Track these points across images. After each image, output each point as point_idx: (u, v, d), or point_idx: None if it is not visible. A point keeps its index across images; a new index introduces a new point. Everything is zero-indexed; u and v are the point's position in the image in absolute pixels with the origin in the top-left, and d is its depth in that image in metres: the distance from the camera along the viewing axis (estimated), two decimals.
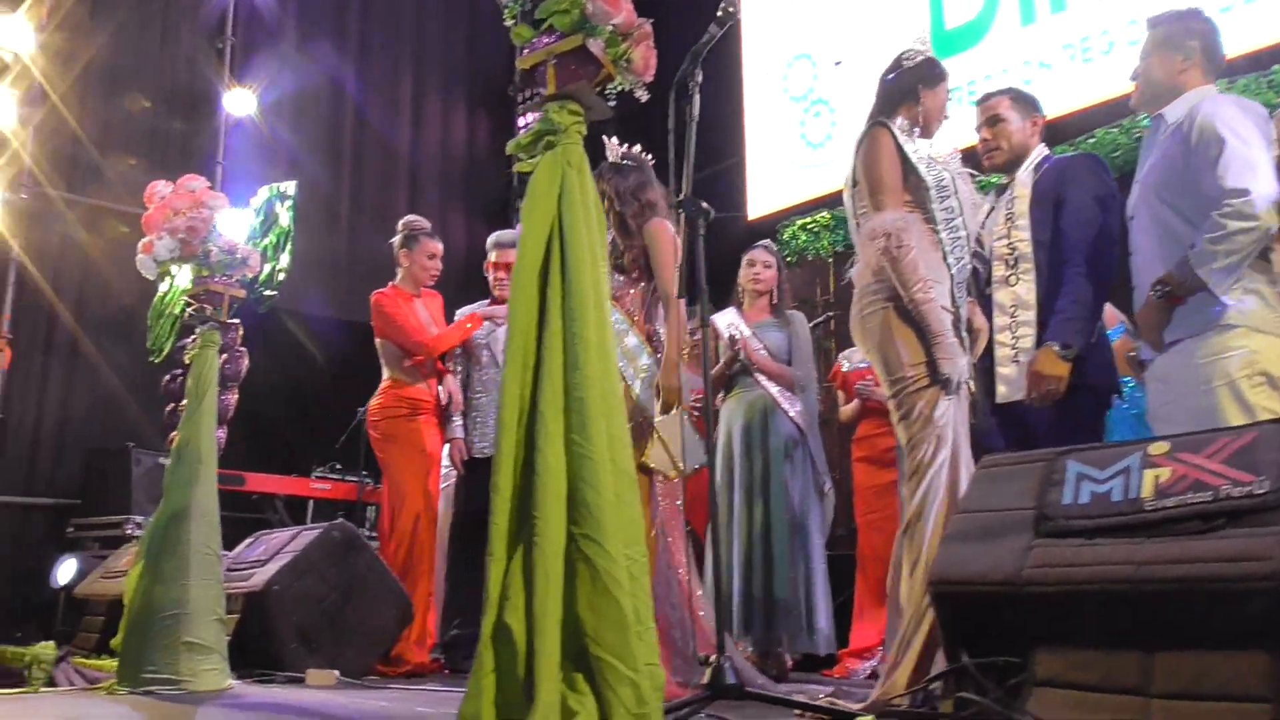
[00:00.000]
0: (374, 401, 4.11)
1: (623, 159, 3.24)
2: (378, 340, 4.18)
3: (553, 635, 1.56)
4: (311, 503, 6.04)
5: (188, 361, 3.34)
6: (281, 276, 3.82)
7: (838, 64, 6.87)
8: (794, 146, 7.08)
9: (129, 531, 5.36)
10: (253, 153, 6.71)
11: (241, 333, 3.82)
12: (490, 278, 4.29)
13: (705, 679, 2.12)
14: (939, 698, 1.89)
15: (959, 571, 1.79)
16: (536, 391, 1.71)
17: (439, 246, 4.27)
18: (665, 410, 3.02)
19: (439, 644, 3.89)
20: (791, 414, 3.84)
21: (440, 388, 4.15)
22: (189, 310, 3.55)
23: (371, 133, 7.50)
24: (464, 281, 7.85)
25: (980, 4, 6.06)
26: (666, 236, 3.09)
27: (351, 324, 6.91)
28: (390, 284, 4.25)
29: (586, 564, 1.62)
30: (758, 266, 4.06)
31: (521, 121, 8.38)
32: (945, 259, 2.44)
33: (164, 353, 4.11)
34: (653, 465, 2.96)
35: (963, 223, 2.50)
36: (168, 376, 4.43)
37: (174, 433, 4.28)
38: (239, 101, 6.66)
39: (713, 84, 2.90)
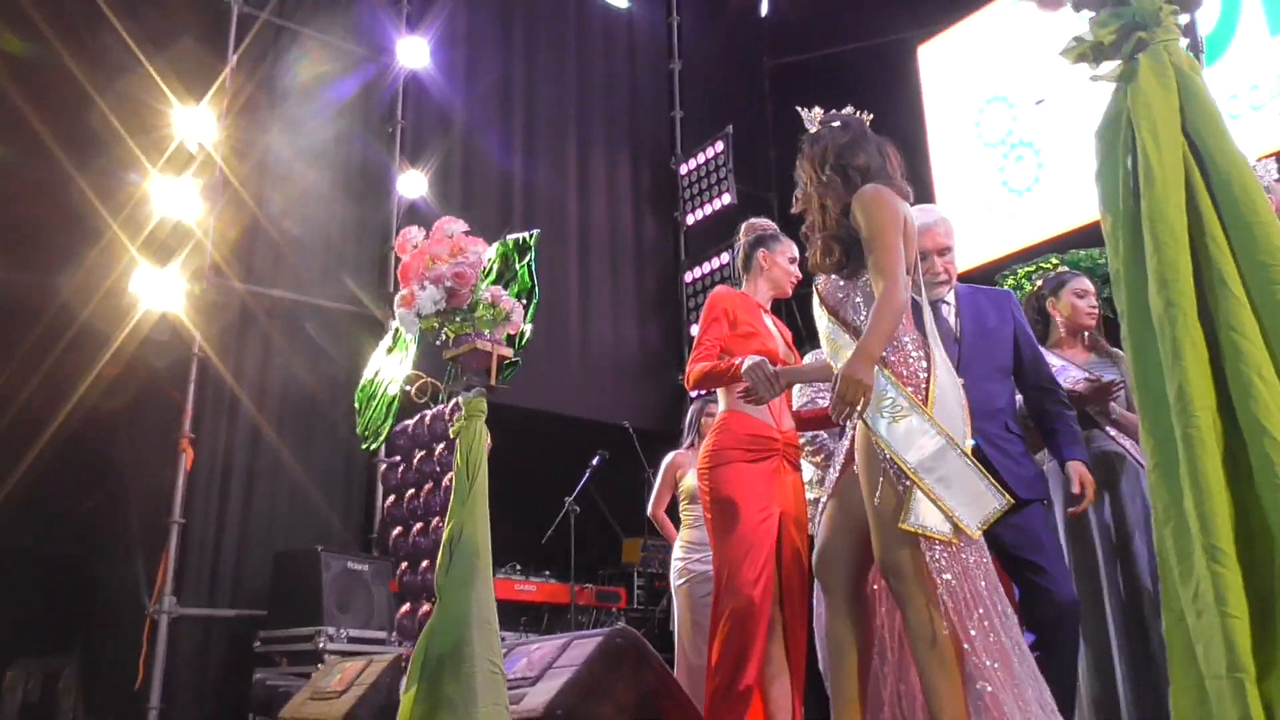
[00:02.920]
0: (707, 442, 3.14)
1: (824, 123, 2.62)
2: None
3: None
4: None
5: (453, 436, 2.79)
6: (527, 338, 3.32)
7: (1039, 103, 6.46)
8: (994, 194, 6.71)
9: (321, 645, 4.86)
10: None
11: None
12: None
13: None
14: None
15: None
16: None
17: (796, 249, 3.35)
18: (837, 419, 2.27)
19: None
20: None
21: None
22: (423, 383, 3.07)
23: (540, 207, 7.15)
24: (642, 369, 7.34)
25: (1216, 14, 5.48)
26: (882, 199, 2.41)
27: (535, 412, 6.40)
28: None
29: None
30: (1090, 297, 3.34)
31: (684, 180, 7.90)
32: None
33: (380, 437, 3.70)
34: (923, 530, 2.15)
35: None
36: (385, 464, 3.96)
37: (396, 529, 3.79)
38: (412, 184, 6.39)
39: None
